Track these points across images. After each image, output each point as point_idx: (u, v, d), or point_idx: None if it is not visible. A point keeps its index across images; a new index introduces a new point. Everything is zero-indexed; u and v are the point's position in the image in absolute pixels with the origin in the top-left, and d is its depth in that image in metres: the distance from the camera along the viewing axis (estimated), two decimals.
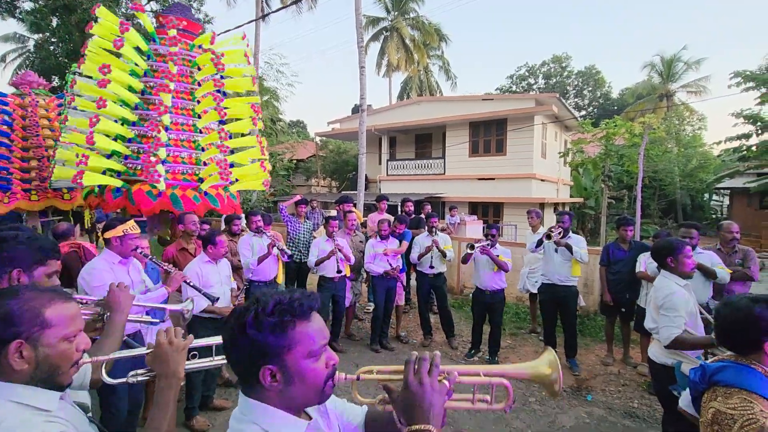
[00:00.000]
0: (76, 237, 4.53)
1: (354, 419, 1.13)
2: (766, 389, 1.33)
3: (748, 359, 1.43)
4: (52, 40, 20.49)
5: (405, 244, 5.57)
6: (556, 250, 4.70)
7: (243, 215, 5.80)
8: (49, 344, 1.04)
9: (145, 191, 4.28)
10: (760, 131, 14.00)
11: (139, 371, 1.28)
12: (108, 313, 1.71)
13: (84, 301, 1.80)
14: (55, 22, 19.97)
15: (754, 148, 14.56)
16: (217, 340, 1.32)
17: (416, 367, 0.92)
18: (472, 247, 4.75)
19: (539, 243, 4.76)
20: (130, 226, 2.76)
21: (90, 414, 1.23)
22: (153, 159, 4.29)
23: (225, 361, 1.40)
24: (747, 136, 14.48)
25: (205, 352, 1.35)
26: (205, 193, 4.73)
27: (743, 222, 16.32)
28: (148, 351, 1.24)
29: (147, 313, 3.28)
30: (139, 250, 2.82)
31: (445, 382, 0.93)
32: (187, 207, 4.45)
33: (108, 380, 1.30)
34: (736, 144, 15.07)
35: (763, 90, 13.45)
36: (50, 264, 1.59)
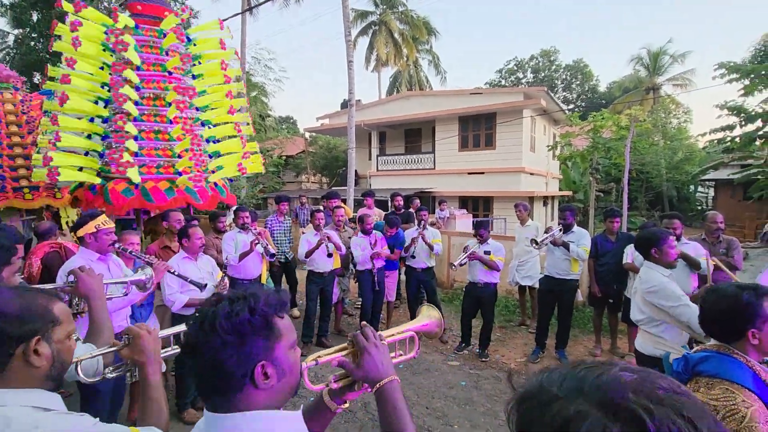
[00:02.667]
0: (59, 237, 4.43)
1: None
2: (748, 379, 1.34)
3: (731, 349, 1.44)
4: (33, 35, 19.98)
5: (398, 252, 5.53)
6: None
7: (231, 210, 5.72)
8: (60, 340, 1.05)
9: (120, 190, 4.17)
10: (743, 123, 14.20)
11: (111, 367, 1.33)
12: (77, 300, 1.68)
13: (52, 288, 1.74)
14: (35, 16, 19.48)
15: (737, 140, 14.78)
16: (181, 328, 1.41)
17: (366, 335, 1.06)
18: (452, 266, 4.77)
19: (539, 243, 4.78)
20: (102, 221, 2.66)
21: None
22: (122, 153, 4.19)
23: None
24: (731, 127, 14.68)
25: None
26: (185, 187, 4.61)
27: (727, 213, 16.54)
28: (124, 345, 1.26)
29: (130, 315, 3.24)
30: (117, 245, 2.74)
31: (384, 342, 1.10)
32: (158, 201, 4.31)
33: (84, 379, 1.29)
34: (720, 136, 15.29)
35: (747, 81, 13.63)
36: (15, 262, 1.56)
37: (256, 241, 4.46)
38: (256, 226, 4.85)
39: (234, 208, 5.68)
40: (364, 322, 1.06)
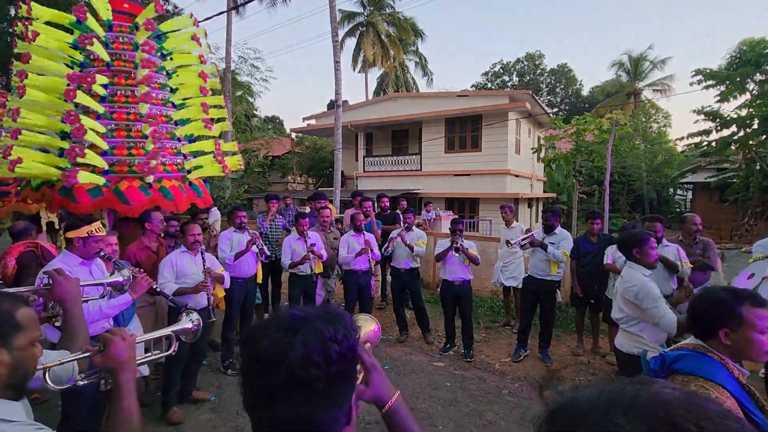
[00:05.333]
0: (35, 237, 4.30)
1: None
2: (721, 377, 1.38)
3: (706, 347, 1.48)
4: (10, 30, 19.46)
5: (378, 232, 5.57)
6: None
7: (214, 209, 5.62)
8: (22, 347, 1.02)
9: (87, 189, 4.04)
10: (719, 128, 14.63)
11: (84, 373, 1.30)
12: (52, 303, 1.63)
13: (26, 291, 1.69)
14: (12, 11, 18.98)
15: (714, 144, 15.21)
16: (160, 333, 1.48)
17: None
18: (458, 251, 4.77)
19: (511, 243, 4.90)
20: (96, 228, 2.64)
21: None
22: (83, 149, 4.04)
23: (169, 353, 1.52)
24: (707, 132, 15.12)
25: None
26: (151, 186, 4.44)
27: (705, 215, 16.95)
28: (97, 351, 1.22)
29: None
30: (102, 253, 2.69)
31: None
32: (133, 201, 4.18)
33: (52, 387, 1.23)
34: (697, 140, 15.72)
35: (723, 88, 14.06)
36: None
37: (252, 241, 4.46)
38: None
39: (212, 208, 5.57)
40: None
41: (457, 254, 4.81)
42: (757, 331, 1.42)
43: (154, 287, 2.90)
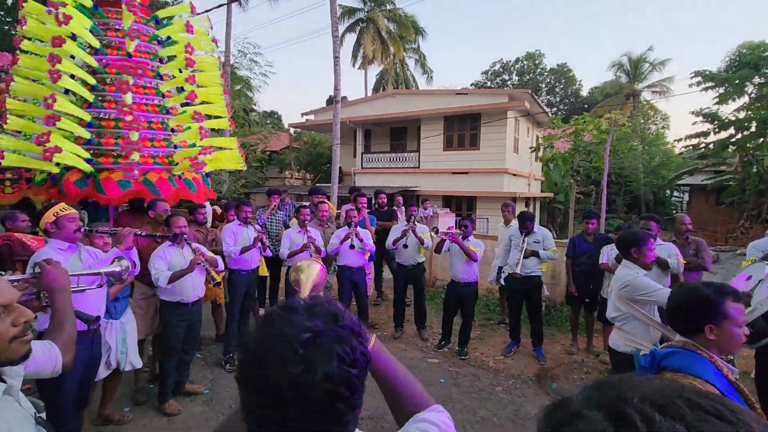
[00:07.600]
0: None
1: None
2: (710, 374, 1.39)
3: (696, 345, 1.49)
4: (7, 19, 19.33)
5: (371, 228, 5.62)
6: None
7: (207, 203, 5.61)
8: None
9: (116, 180, 4.02)
10: (717, 130, 14.68)
11: None
12: (44, 293, 1.64)
13: (17, 280, 1.68)
14: (9, 1, 18.84)
15: (711, 146, 15.26)
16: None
17: None
18: (437, 231, 4.92)
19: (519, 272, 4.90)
20: (61, 208, 2.65)
21: (39, 414, 1.17)
22: (131, 139, 4.04)
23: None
24: (705, 134, 15.15)
25: None
26: (180, 177, 4.48)
27: (701, 217, 17.13)
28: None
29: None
30: (83, 228, 2.68)
31: None
32: (163, 192, 4.19)
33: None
34: (695, 142, 15.77)
35: (721, 90, 14.10)
36: None
37: (260, 238, 4.52)
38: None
39: (209, 203, 5.55)
40: None
41: (420, 239, 5.00)
42: (736, 326, 1.47)
43: (138, 233, 2.99)
